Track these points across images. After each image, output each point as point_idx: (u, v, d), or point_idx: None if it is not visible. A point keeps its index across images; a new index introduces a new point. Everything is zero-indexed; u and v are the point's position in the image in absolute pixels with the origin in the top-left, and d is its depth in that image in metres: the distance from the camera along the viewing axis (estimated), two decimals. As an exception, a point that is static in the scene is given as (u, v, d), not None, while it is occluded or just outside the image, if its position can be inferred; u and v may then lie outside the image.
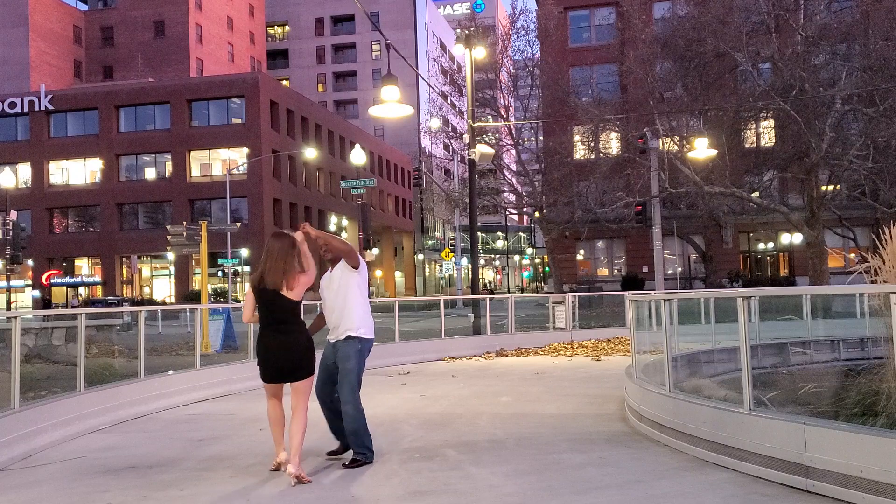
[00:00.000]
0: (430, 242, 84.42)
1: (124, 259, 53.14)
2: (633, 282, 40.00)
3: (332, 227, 61.07)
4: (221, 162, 53.77)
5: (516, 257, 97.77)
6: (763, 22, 31.25)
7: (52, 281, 54.66)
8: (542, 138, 44.14)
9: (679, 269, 44.47)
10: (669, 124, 33.33)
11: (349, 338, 6.16)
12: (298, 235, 5.93)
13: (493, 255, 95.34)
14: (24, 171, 55.35)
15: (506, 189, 50.51)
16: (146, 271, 56.19)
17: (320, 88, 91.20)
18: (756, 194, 33.49)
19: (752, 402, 5.58)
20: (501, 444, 6.94)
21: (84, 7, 77.14)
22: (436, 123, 57.98)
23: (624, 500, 5.11)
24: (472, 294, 21.69)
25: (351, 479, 5.84)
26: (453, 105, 57.18)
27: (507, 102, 45.36)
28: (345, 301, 6.18)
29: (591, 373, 12.61)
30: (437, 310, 19.49)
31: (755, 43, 30.78)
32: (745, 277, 42.79)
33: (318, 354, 6.18)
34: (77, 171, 56.20)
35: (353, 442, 6.19)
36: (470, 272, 22.52)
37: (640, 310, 8.99)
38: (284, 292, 5.77)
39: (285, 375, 5.85)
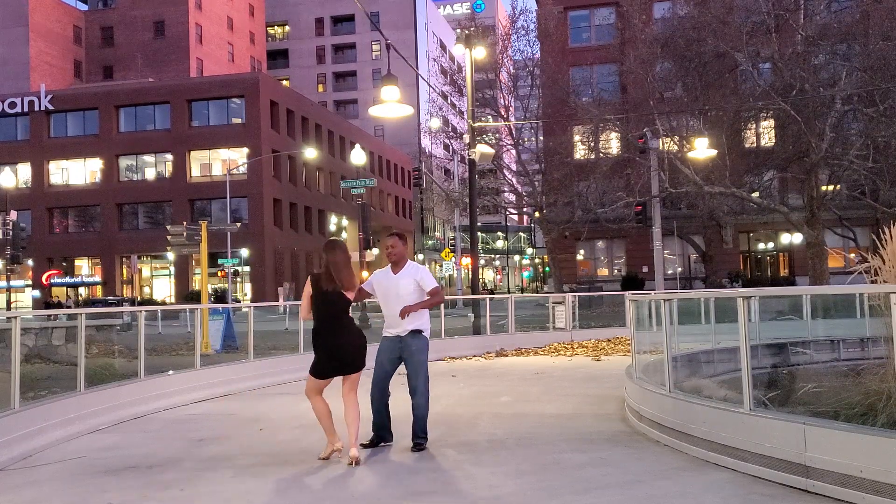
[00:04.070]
0: (430, 242, 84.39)
1: (124, 259, 53.08)
2: (633, 282, 39.98)
3: (332, 227, 61.09)
4: (221, 162, 53.75)
5: (516, 257, 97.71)
6: (763, 22, 31.21)
7: (52, 281, 54.63)
8: (542, 138, 44.13)
9: (679, 269, 44.45)
10: (669, 124, 33.30)
11: (417, 332, 6.78)
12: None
13: (493, 255, 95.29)
14: (24, 171, 55.32)
15: (506, 189, 50.52)
16: (146, 271, 56.15)
17: (320, 88, 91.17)
18: (756, 194, 33.47)
19: (752, 402, 5.58)
20: (501, 444, 6.94)
21: (84, 7, 77.12)
22: (436, 123, 57.93)
23: (624, 500, 5.11)
24: (472, 294, 21.68)
25: (351, 479, 5.84)
26: (453, 105, 57.16)
27: (507, 102, 45.36)
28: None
29: (591, 373, 12.60)
30: (436, 310, 19.46)
31: (755, 43, 30.76)
32: (746, 277, 42.77)
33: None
34: (77, 171, 56.18)
35: (420, 427, 6.73)
36: (470, 272, 22.51)
37: (640, 310, 8.99)
38: (346, 292, 6.49)
39: (345, 368, 6.42)
